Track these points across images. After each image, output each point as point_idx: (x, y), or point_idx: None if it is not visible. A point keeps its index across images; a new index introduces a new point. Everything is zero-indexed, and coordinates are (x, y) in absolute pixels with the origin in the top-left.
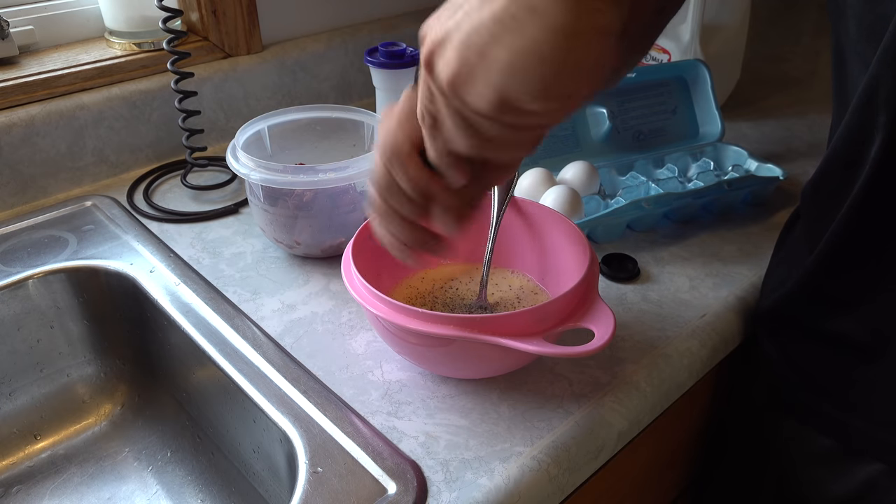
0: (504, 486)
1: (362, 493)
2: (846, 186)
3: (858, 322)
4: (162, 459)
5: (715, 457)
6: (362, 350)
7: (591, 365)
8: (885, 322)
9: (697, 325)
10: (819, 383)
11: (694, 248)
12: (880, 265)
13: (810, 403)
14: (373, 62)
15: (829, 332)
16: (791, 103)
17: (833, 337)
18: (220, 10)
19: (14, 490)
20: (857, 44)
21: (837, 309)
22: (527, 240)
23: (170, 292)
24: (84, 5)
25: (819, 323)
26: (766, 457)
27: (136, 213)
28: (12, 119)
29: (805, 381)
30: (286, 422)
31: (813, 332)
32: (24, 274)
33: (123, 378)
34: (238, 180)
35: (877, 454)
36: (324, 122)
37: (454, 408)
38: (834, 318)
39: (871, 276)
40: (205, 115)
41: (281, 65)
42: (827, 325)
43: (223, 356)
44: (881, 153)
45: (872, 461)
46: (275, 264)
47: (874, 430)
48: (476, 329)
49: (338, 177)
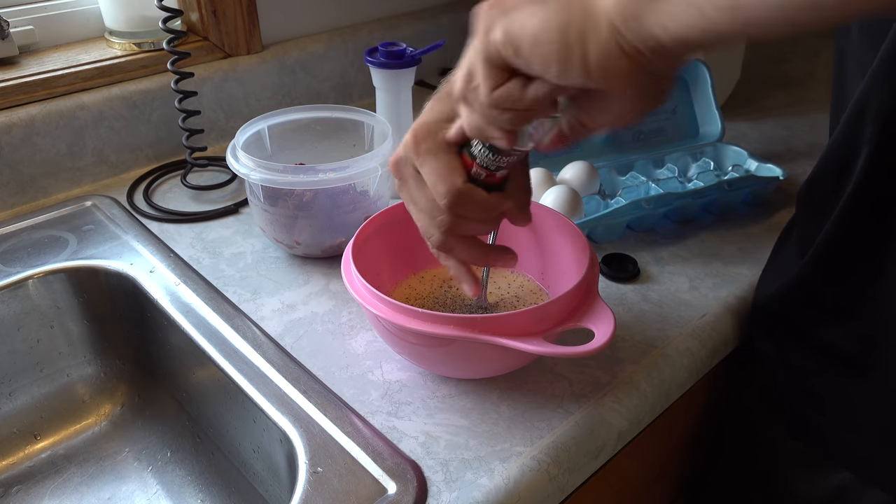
0: (504, 486)
1: (362, 493)
2: (836, 193)
3: (845, 330)
4: (162, 459)
5: (713, 457)
6: (362, 350)
7: (591, 365)
8: (870, 332)
9: (697, 325)
10: (806, 388)
11: (694, 248)
12: (866, 275)
13: (798, 407)
14: (373, 62)
15: (817, 338)
16: (791, 103)
17: (821, 344)
18: (220, 10)
19: (14, 490)
20: (858, 48)
21: (828, 315)
22: (527, 240)
23: (170, 292)
24: (84, 5)
25: (809, 328)
26: (757, 457)
27: (136, 213)
28: (12, 119)
29: (796, 383)
30: (286, 422)
31: (802, 337)
32: (24, 274)
33: (123, 378)
34: (238, 180)
35: (845, 462)
36: (324, 122)
37: (454, 408)
38: (823, 324)
39: (857, 284)
40: (205, 115)
41: (281, 65)
42: (816, 331)
43: (223, 356)
44: (867, 165)
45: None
46: (275, 264)
47: (848, 439)
48: (476, 329)
49: (338, 177)
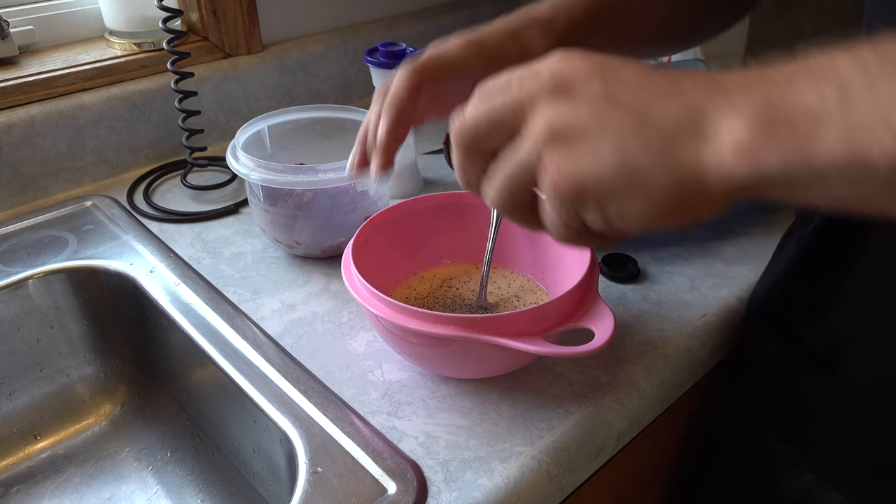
0: (504, 486)
1: (362, 493)
2: None
3: (817, 329)
4: (162, 459)
5: (706, 458)
6: (362, 350)
7: (591, 365)
8: (837, 334)
9: (697, 325)
10: (791, 387)
11: (694, 248)
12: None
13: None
14: (373, 62)
15: (799, 336)
16: None
17: (802, 342)
18: (220, 10)
19: (14, 490)
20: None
21: (806, 315)
22: (527, 240)
23: (170, 292)
24: (84, 5)
25: (793, 327)
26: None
27: (136, 213)
28: (12, 119)
29: (782, 383)
30: (286, 422)
31: (788, 336)
32: (24, 274)
33: (123, 378)
34: (238, 180)
35: (809, 464)
36: (324, 122)
37: (454, 408)
38: (803, 323)
39: (830, 285)
40: (205, 115)
41: (281, 65)
42: (798, 329)
43: (223, 356)
44: None
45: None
46: (275, 264)
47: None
48: (476, 329)
49: (338, 177)
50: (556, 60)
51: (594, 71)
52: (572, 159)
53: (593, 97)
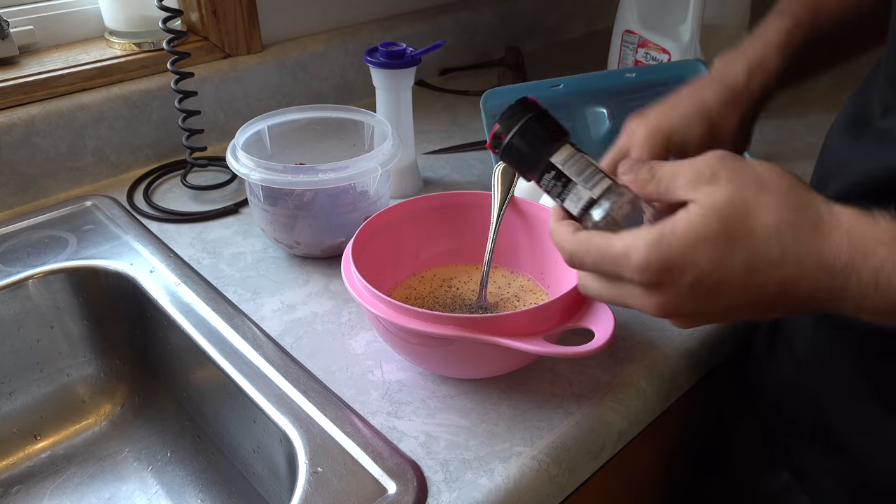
0: (504, 486)
1: (362, 493)
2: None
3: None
4: (162, 459)
5: (706, 457)
6: (362, 350)
7: (591, 365)
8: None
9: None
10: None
11: None
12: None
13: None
14: (373, 62)
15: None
16: (791, 103)
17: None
18: (220, 10)
19: (14, 490)
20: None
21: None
22: (527, 240)
23: (170, 292)
24: (84, 5)
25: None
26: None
27: (136, 213)
28: (12, 119)
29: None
30: (286, 422)
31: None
32: (24, 274)
33: (123, 378)
34: (238, 180)
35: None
36: (324, 122)
37: (454, 408)
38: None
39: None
40: (205, 115)
41: (281, 65)
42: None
43: (223, 356)
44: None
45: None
46: (275, 264)
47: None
48: (476, 329)
49: (338, 177)
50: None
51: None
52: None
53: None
